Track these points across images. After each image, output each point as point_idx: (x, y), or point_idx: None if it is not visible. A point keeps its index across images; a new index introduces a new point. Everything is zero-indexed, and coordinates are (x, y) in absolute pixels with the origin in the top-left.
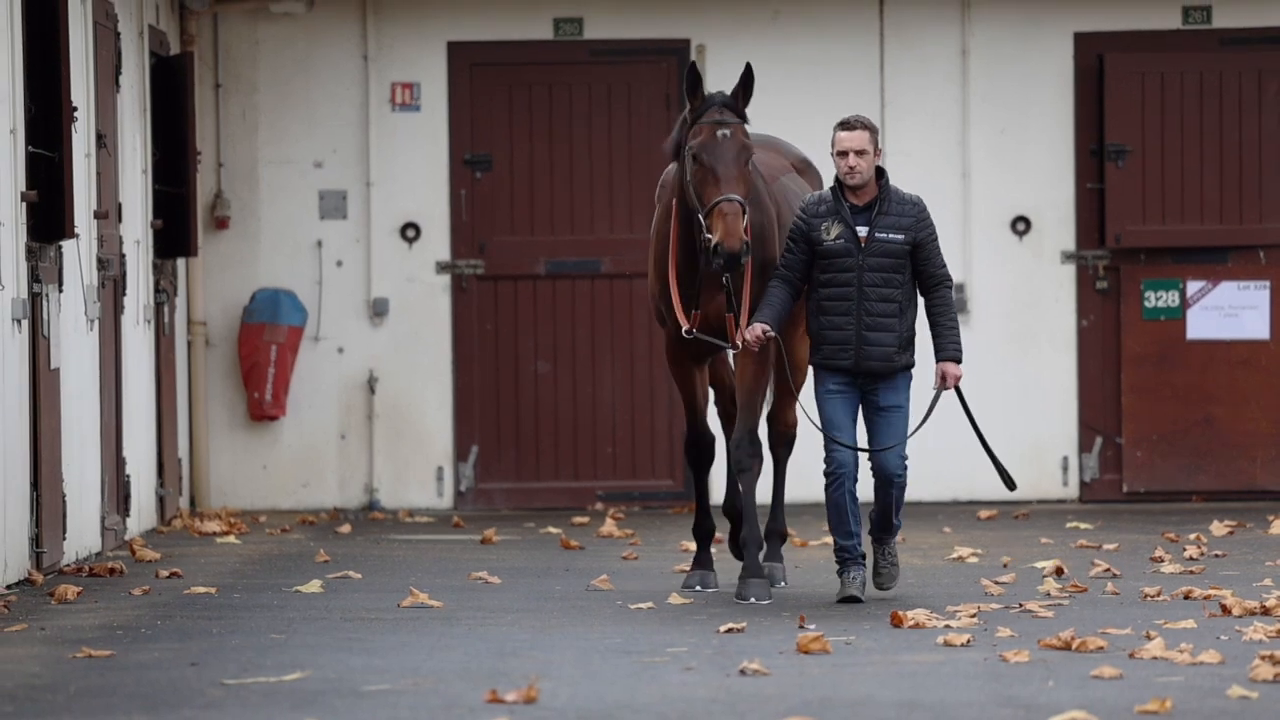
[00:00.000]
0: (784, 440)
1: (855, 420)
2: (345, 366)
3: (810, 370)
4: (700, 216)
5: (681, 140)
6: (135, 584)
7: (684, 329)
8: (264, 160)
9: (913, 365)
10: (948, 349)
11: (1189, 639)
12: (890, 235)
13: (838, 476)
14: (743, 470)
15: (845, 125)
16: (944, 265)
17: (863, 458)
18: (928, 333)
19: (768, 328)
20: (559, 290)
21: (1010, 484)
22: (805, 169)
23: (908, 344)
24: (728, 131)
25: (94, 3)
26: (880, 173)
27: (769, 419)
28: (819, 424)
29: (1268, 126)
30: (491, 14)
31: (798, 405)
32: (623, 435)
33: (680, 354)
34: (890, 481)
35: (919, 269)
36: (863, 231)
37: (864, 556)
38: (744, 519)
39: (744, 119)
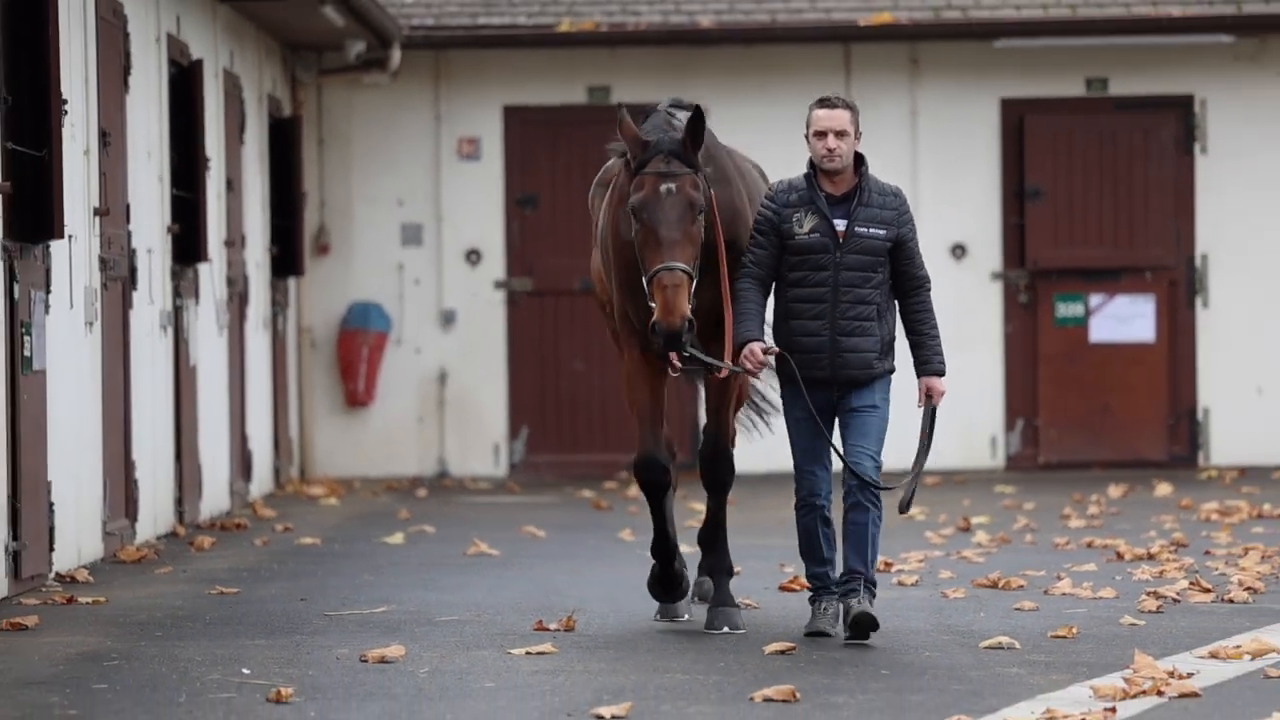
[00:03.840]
0: None
1: (829, 446)
2: (421, 364)
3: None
4: (644, 279)
5: (624, 184)
6: (256, 536)
7: (671, 367)
8: (357, 199)
9: (893, 370)
10: (932, 362)
11: (1091, 579)
12: (871, 230)
13: (808, 505)
14: (718, 488)
15: (825, 103)
16: (924, 266)
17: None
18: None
19: (766, 344)
20: (592, 303)
21: (903, 508)
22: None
23: (888, 349)
24: (673, 186)
25: (224, 76)
26: (860, 160)
27: (702, 430)
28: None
29: (1153, 173)
30: (538, 83)
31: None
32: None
33: (642, 378)
34: (863, 488)
35: (898, 269)
36: (840, 225)
37: (836, 585)
38: (715, 545)
39: (694, 166)
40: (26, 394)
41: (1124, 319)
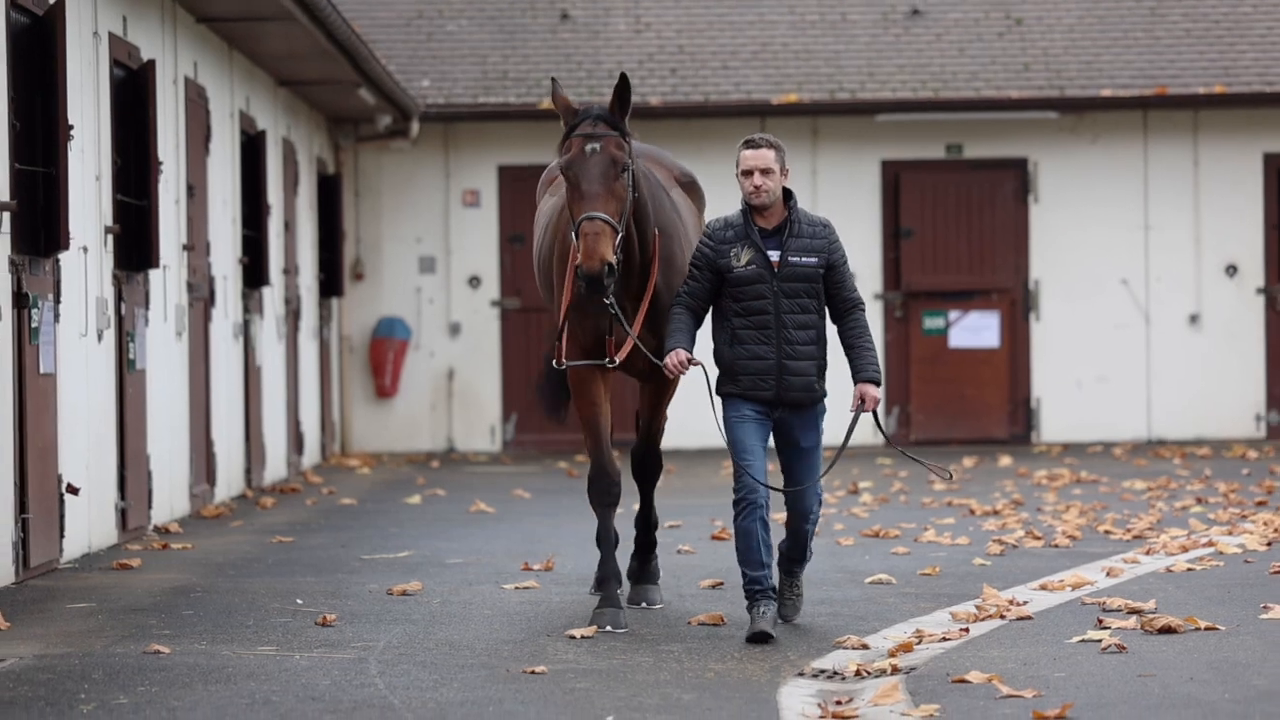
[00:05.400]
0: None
1: (766, 445)
2: (434, 364)
3: (720, 399)
4: (573, 235)
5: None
6: (307, 497)
7: (555, 360)
8: (385, 237)
9: (825, 395)
10: (867, 370)
11: (950, 530)
12: (803, 259)
13: (749, 503)
14: (647, 480)
15: (750, 144)
16: (856, 289)
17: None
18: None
19: (689, 354)
20: None
21: (947, 476)
22: (690, 185)
23: (823, 372)
24: (597, 146)
25: (283, 143)
26: (788, 194)
27: (636, 430)
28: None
29: (998, 218)
30: (524, 147)
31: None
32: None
33: (589, 376)
34: (806, 518)
35: (831, 293)
36: (775, 256)
37: (774, 590)
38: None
39: (621, 131)
40: (131, 388)
41: (975, 330)
